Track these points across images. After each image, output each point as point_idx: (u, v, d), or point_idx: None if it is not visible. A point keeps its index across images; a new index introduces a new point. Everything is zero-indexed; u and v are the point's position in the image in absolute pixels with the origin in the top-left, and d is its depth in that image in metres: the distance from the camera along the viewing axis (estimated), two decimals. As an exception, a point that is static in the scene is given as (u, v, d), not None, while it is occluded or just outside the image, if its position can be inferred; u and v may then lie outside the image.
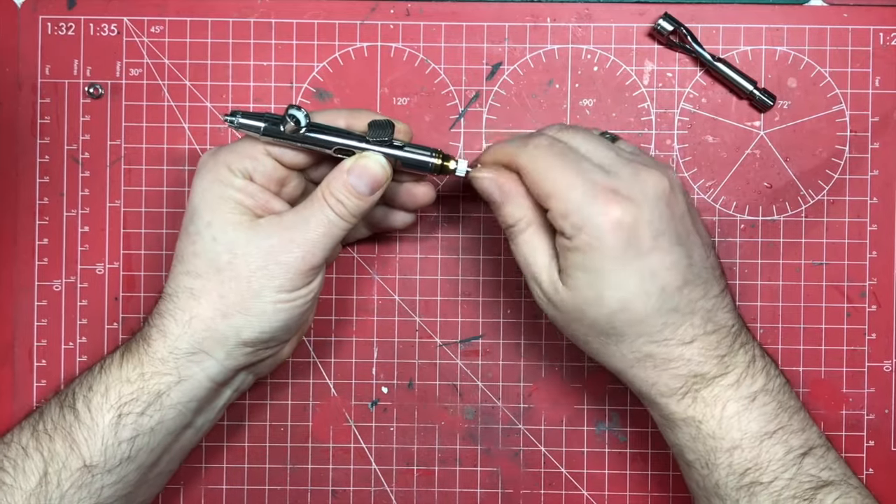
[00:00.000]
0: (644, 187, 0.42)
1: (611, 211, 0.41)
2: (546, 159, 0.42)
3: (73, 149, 0.53)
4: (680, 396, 0.43)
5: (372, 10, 0.53)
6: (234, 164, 0.44)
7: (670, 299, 0.42)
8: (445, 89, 0.53)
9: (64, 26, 0.53)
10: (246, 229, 0.43)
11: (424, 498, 0.53)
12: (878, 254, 0.53)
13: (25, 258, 0.53)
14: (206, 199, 0.44)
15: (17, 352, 0.53)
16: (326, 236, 0.44)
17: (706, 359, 0.43)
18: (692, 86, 0.53)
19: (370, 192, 0.44)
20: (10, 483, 0.43)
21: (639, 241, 0.41)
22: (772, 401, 0.43)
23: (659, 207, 0.42)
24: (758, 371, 0.44)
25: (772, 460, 0.42)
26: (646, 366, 0.43)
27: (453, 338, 0.54)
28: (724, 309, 0.44)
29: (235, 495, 0.53)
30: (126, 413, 0.43)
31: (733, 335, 0.44)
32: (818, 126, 0.53)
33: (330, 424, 0.54)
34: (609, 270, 0.41)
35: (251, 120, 0.44)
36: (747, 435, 0.43)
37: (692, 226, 0.44)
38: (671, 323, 0.42)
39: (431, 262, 0.53)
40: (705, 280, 0.43)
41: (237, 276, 0.43)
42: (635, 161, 0.43)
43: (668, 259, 0.42)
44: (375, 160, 0.44)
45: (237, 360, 0.45)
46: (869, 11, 0.53)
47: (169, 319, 0.44)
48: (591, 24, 0.53)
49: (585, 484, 0.53)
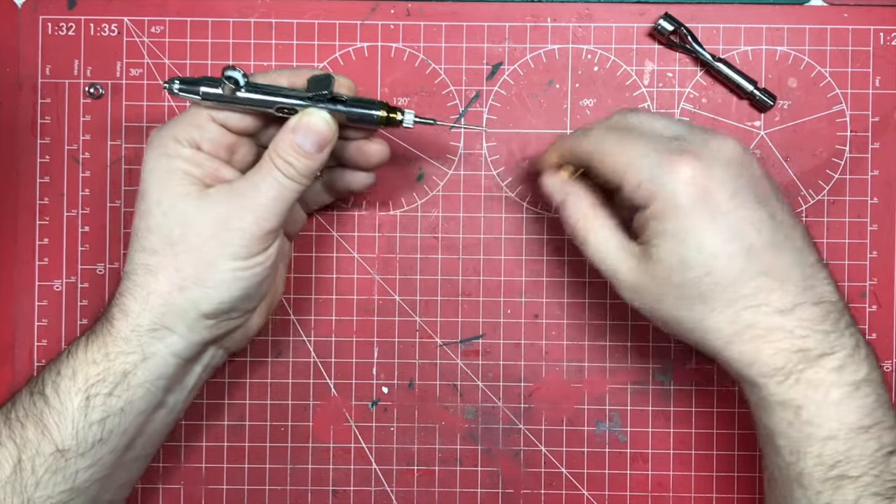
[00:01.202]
0: (713, 150, 0.41)
1: (681, 170, 0.40)
2: (610, 138, 0.43)
3: (74, 149, 0.53)
4: (782, 378, 0.41)
5: (372, 10, 0.53)
6: (180, 135, 0.44)
7: (758, 260, 0.40)
8: (446, 89, 0.53)
9: (64, 26, 0.53)
10: (195, 199, 0.43)
11: (425, 498, 0.53)
12: (879, 254, 0.53)
13: (26, 258, 0.53)
14: (155, 174, 0.43)
15: (17, 352, 0.53)
16: (278, 200, 0.43)
17: (810, 332, 0.41)
18: (692, 86, 0.53)
19: (317, 149, 0.43)
20: None
21: (715, 199, 0.40)
22: (873, 393, 0.41)
23: (732, 168, 0.41)
24: (862, 358, 0.41)
25: (863, 455, 0.41)
26: (743, 339, 0.41)
27: (454, 338, 0.54)
28: (824, 281, 0.42)
29: (236, 495, 0.53)
30: (94, 395, 0.43)
31: (838, 312, 0.41)
32: (818, 126, 0.53)
33: (330, 424, 0.54)
34: (689, 231, 0.40)
35: (189, 84, 0.44)
36: (844, 426, 0.41)
37: (770, 189, 0.42)
38: (764, 287, 0.41)
39: (431, 262, 0.53)
40: (797, 246, 0.42)
41: (190, 248, 0.43)
42: (706, 133, 0.43)
43: (750, 216, 0.41)
44: (319, 116, 0.44)
45: (200, 333, 0.44)
46: (869, 11, 0.53)
47: (129, 298, 0.44)
48: (592, 24, 0.53)
49: (586, 484, 0.53)
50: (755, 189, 0.42)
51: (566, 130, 0.53)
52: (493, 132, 0.53)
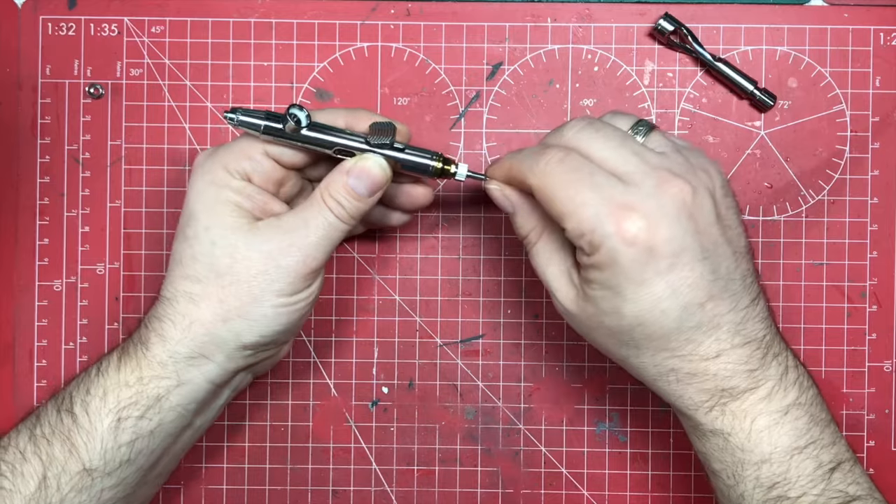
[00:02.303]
0: (663, 200, 0.39)
1: (625, 229, 0.39)
2: (557, 177, 0.40)
3: (74, 149, 0.53)
4: (707, 410, 0.42)
5: (372, 10, 0.53)
6: (231, 165, 0.44)
7: (692, 316, 0.40)
8: (446, 89, 0.53)
9: (64, 26, 0.53)
10: (245, 233, 0.43)
11: (425, 498, 0.53)
12: (879, 254, 0.53)
13: (26, 258, 0.53)
14: (204, 201, 0.44)
15: (17, 352, 0.53)
16: (326, 239, 0.43)
17: (734, 374, 0.41)
18: (693, 86, 0.53)
19: (370, 194, 0.44)
20: (8, 487, 0.43)
21: (657, 258, 0.39)
22: (804, 414, 0.42)
23: (680, 223, 0.39)
24: (790, 383, 0.42)
25: (801, 475, 0.41)
26: (669, 380, 0.42)
27: (454, 338, 0.54)
28: (756, 319, 0.42)
29: (236, 495, 0.53)
30: (125, 417, 0.43)
31: (765, 347, 0.41)
32: (819, 126, 0.53)
33: (330, 424, 0.54)
34: (626, 287, 0.39)
35: (252, 118, 0.44)
36: (777, 449, 0.41)
37: (720, 236, 0.41)
38: (694, 339, 0.40)
39: (432, 262, 0.53)
40: (734, 292, 0.41)
41: (237, 281, 0.43)
42: (660, 168, 0.40)
43: (689, 276, 0.39)
44: (376, 162, 0.44)
45: (237, 362, 0.45)
46: (869, 11, 0.53)
47: (168, 324, 0.44)
48: (592, 24, 0.53)
49: (586, 484, 0.53)
50: (702, 240, 0.40)
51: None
52: (493, 132, 0.53)
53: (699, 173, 0.41)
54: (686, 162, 0.41)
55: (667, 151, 0.42)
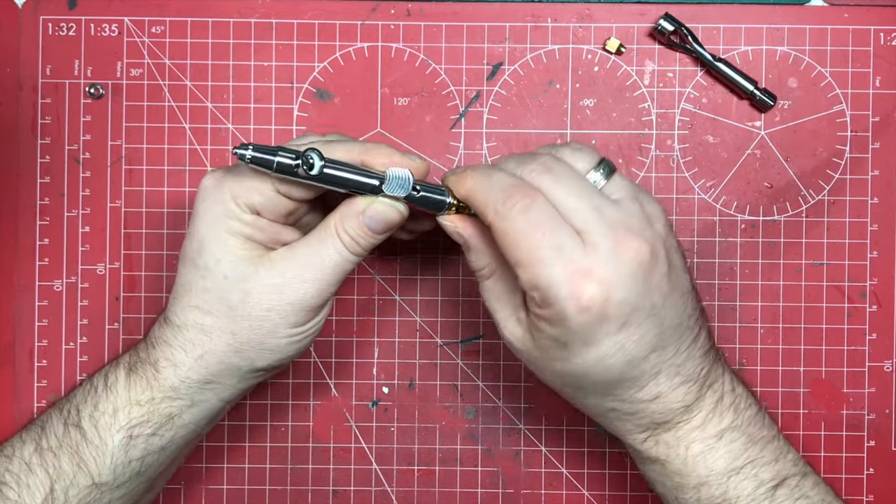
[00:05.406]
0: (620, 264, 0.39)
1: (581, 295, 0.38)
2: (519, 225, 0.39)
3: (74, 149, 0.53)
4: (642, 440, 0.43)
5: (372, 10, 0.53)
6: (240, 198, 0.42)
7: (635, 368, 0.41)
8: (446, 89, 0.53)
9: (65, 27, 0.53)
10: (258, 265, 0.43)
11: (425, 498, 0.53)
12: (879, 254, 0.53)
13: (26, 258, 0.53)
14: (215, 232, 0.43)
15: (17, 352, 0.53)
16: (337, 269, 0.43)
17: (668, 411, 0.42)
18: (693, 86, 0.53)
19: (385, 231, 0.44)
20: (13, 499, 0.43)
21: (608, 321, 0.39)
22: (741, 436, 0.42)
23: (636, 284, 0.39)
24: (725, 409, 0.43)
25: (740, 496, 0.42)
26: (610, 417, 0.44)
27: (454, 338, 0.54)
28: (696, 356, 0.42)
29: (236, 495, 0.53)
30: (136, 435, 0.43)
31: (700, 382, 0.42)
32: (819, 126, 0.53)
33: (331, 424, 0.54)
34: (574, 344, 0.40)
35: (263, 154, 0.41)
36: (714, 472, 0.42)
37: (668, 285, 0.41)
38: (635, 386, 0.41)
39: (432, 262, 0.53)
40: (677, 338, 0.41)
41: (249, 316, 0.43)
42: (618, 226, 0.39)
43: (636, 333, 0.40)
44: (393, 206, 0.43)
45: (249, 382, 0.45)
46: (869, 11, 0.53)
47: (178, 351, 0.43)
48: (592, 25, 0.53)
49: (586, 484, 0.53)
50: (653, 297, 0.40)
51: (566, 131, 0.53)
52: (494, 132, 0.53)
53: (654, 225, 0.41)
54: (641, 212, 0.41)
55: (624, 198, 0.41)
